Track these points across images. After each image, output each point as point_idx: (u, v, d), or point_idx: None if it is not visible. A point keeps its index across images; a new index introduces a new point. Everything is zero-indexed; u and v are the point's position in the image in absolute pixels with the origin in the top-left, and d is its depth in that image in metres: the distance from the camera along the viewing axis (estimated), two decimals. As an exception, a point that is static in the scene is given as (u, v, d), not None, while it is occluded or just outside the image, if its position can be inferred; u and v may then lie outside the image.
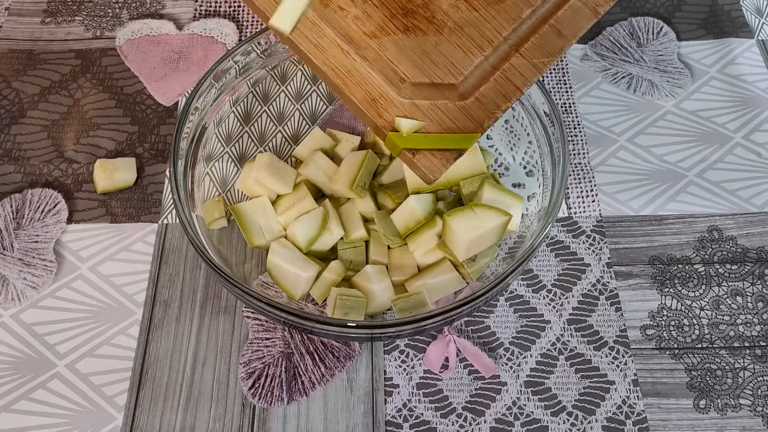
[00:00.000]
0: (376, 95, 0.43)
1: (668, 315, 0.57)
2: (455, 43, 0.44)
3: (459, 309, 0.45)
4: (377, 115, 0.43)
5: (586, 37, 0.74)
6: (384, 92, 0.43)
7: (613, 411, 0.52)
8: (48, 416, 0.52)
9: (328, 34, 0.44)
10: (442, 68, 0.44)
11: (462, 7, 0.44)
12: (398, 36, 0.44)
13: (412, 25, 0.44)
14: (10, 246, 0.59)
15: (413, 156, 0.43)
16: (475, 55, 0.44)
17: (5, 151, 0.66)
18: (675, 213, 0.62)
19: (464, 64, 0.44)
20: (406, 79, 0.43)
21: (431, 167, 0.43)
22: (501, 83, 0.44)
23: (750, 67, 0.71)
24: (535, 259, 0.59)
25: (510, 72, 0.44)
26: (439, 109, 0.44)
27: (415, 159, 0.43)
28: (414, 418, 0.52)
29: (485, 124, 0.44)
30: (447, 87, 0.44)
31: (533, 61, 0.44)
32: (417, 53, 0.44)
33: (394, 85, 0.44)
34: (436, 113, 0.44)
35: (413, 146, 0.43)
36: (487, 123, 0.44)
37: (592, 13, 0.45)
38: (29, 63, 0.72)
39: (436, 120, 0.44)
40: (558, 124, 0.52)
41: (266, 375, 0.53)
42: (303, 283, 0.53)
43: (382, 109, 0.43)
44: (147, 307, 0.57)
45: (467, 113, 0.44)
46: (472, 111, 0.44)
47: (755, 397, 0.53)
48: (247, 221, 0.55)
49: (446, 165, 0.44)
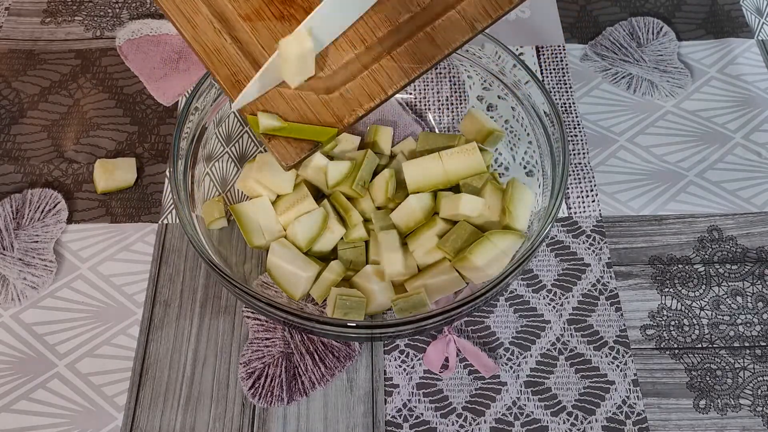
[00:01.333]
0: (241, 78, 0.44)
1: (668, 315, 0.57)
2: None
3: (459, 309, 0.45)
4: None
5: (586, 37, 0.74)
6: (249, 76, 0.43)
7: (613, 411, 0.52)
8: (48, 416, 0.52)
9: (202, 10, 0.44)
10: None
11: None
12: (273, 22, 0.44)
13: (288, 14, 0.44)
14: (10, 246, 0.59)
15: (269, 141, 0.44)
16: (346, 51, 0.44)
17: (5, 151, 0.66)
18: (675, 213, 0.62)
19: (334, 59, 0.44)
20: None
21: (285, 154, 0.44)
22: (367, 82, 0.44)
23: (750, 67, 0.71)
24: (535, 259, 0.59)
25: (378, 73, 0.44)
26: (302, 99, 0.44)
27: (270, 144, 0.44)
28: (414, 418, 0.52)
29: (345, 120, 0.44)
30: (314, 79, 0.44)
31: (402, 65, 0.44)
32: None
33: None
34: (298, 103, 0.44)
35: (270, 132, 0.44)
36: (347, 119, 0.44)
37: (468, 27, 0.44)
38: (29, 63, 0.72)
39: (297, 109, 0.44)
40: (558, 124, 0.52)
41: (266, 375, 0.53)
42: (303, 283, 0.53)
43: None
44: (147, 307, 0.57)
45: (329, 107, 0.44)
46: (334, 106, 0.44)
47: (755, 397, 0.53)
48: (247, 221, 0.55)
49: (300, 154, 0.44)
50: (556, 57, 0.72)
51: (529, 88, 0.56)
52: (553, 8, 0.77)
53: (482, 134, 0.58)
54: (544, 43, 0.73)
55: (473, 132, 0.59)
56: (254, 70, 0.43)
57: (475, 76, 0.61)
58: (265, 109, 0.44)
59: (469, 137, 0.60)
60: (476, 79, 0.61)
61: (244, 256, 0.58)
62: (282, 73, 0.43)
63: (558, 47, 0.73)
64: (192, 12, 0.44)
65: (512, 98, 0.58)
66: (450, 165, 0.55)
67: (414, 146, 0.62)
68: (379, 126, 0.62)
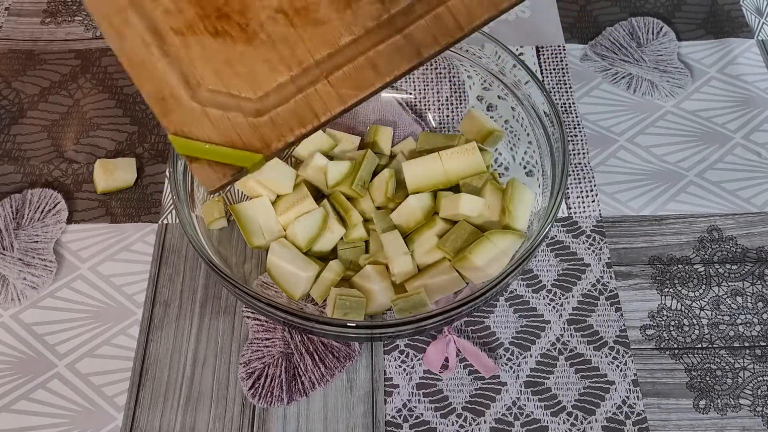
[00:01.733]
0: (165, 94, 0.42)
1: (668, 315, 0.57)
2: (263, 57, 0.42)
3: (458, 309, 0.45)
4: (162, 115, 0.42)
5: (586, 37, 0.74)
6: (175, 92, 0.42)
7: (613, 411, 0.52)
8: (48, 416, 0.52)
9: (133, 21, 0.42)
10: (243, 80, 0.42)
11: (280, 21, 0.42)
12: (205, 38, 0.42)
13: (223, 30, 0.42)
14: (10, 246, 0.59)
15: (191, 163, 0.42)
16: (280, 74, 0.42)
17: (5, 151, 0.66)
18: (675, 213, 0.62)
19: (267, 81, 0.42)
20: (203, 84, 0.42)
21: (206, 178, 0.42)
22: (300, 107, 0.42)
23: (750, 67, 0.71)
24: (535, 260, 0.59)
25: (312, 97, 0.42)
26: (229, 120, 0.42)
27: (192, 166, 0.42)
28: (414, 418, 0.52)
29: (273, 146, 0.42)
30: (243, 100, 0.42)
31: (340, 91, 0.41)
32: (220, 60, 0.42)
33: (190, 87, 0.42)
34: (224, 124, 0.42)
35: (191, 154, 0.42)
36: (275, 145, 0.41)
37: (414, 53, 0.41)
38: (29, 63, 0.72)
39: (223, 131, 0.41)
40: (558, 124, 0.52)
41: (266, 375, 0.53)
42: (303, 282, 0.53)
43: (168, 109, 0.42)
44: (147, 307, 0.57)
45: (257, 131, 0.42)
46: (262, 130, 0.42)
47: (755, 397, 0.53)
48: (247, 221, 0.55)
49: (222, 179, 0.42)
50: (556, 57, 0.72)
51: (529, 88, 0.56)
52: (553, 8, 0.77)
53: (482, 134, 0.58)
54: (544, 43, 0.73)
55: (473, 132, 0.59)
56: (182, 88, 0.41)
57: (475, 76, 0.61)
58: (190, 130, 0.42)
59: (468, 137, 0.60)
60: (476, 79, 0.61)
61: (243, 256, 0.58)
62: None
63: (558, 47, 0.73)
64: (121, 22, 0.42)
65: (512, 98, 0.58)
66: (450, 165, 0.55)
67: (414, 146, 0.62)
68: (379, 126, 0.62)
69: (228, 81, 0.42)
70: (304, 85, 0.42)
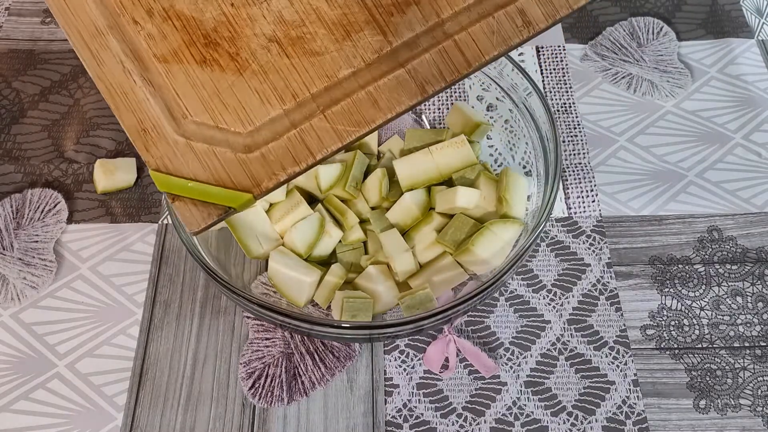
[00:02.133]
0: (148, 126, 0.39)
1: (668, 315, 0.57)
2: (254, 89, 0.39)
3: (455, 308, 0.45)
4: (144, 148, 0.39)
5: (586, 37, 0.74)
6: (158, 124, 0.39)
7: (613, 411, 0.52)
8: (48, 416, 0.52)
9: (112, 46, 0.39)
10: (232, 113, 0.39)
11: (273, 51, 0.39)
12: (192, 67, 0.39)
13: (211, 58, 0.39)
14: (10, 246, 0.59)
15: (173, 201, 0.39)
16: (273, 106, 0.39)
17: (5, 151, 0.66)
18: (675, 213, 0.62)
19: (258, 114, 0.39)
20: (188, 116, 0.39)
21: (189, 218, 0.39)
22: (294, 144, 0.39)
23: (750, 67, 0.71)
24: (535, 259, 0.59)
25: (308, 134, 0.39)
26: (216, 156, 0.39)
27: (174, 204, 0.39)
28: (414, 418, 0.52)
29: (263, 185, 0.39)
30: (232, 134, 0.39)
31: (337, 127, 0.39)
32: (208, 90, 0.39)
33: (174, 119, 0.39)
34: (211, 160, 0.39)
35: (173, 191, 0.39)
36: (265, 184, 0.39)
37: (418, 89, 0.39)
38: (29, 63, 0.72)
39: (209, 167, 0.39)
40: (551, 123, 0.52)
41: (266, 375, 0.53)
42: (307, 288, 0.52)
43: (150, 142, 0.39)
44: (147, 308, 0.57)
45: (246, 168, 0.39)
46: (252, 167, 0.39)
47: (755, 397, 0.53)
48: (243, 232, 0.54)
49: (207, 220, 0.39)
50: (556, 57, 0.72)
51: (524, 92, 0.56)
52: (553, 8, 0.77)
53: (469, 127, 0.58)
54: (544, 43, 0.73)
55: (460, 125, 0.59)
56: (165, 119, 0.39)
57: (473, 77, 0.61)
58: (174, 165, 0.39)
59: (455, 130, 0.60)
60: (475, 80, 0.61)
61: (243, 260, 0.58)
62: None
63: (558, 47, 0.73)
64: (99, 46, 0.39)
65: (509, 101, 0.58)
66: (441, 159, 0.55)
67: (401, 144, 0.62)
68: None
69: (216, 113, 0.39)
70: (298, 119, 0.39)
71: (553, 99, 0.69)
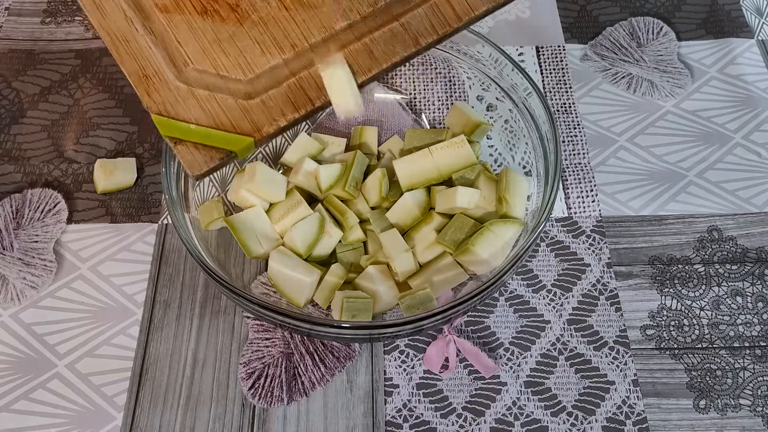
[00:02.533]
0: (150, 72, 0.40)
1: (668, 315, 0.57)
2: (255, 39, 0.41)
3: (455, 308, 0.45)
4: (146, 94, 0.40)
5: (586, 37, 0.74)
6: (160, 71, 0.40)
7: (613, 411, 0.52)
8: (48, 416, 0.52)
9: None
10: (233, 61, 0.40)
11: (273, 3, 0.41)
12: (193, 17, 0.40)
13: (212, 9, 0.40)
14: (10, 246, 0.59)
15: (175, 145, 0.40)
16: (273, 56, 0.40)
17: (5, 151, 0.66)
18: (675, 213, 0.62)
19: (258, 63, 0.40)
20: (189, 64, 0.40)
21: (191, 161, 0.40)
22: (294, 91, 0.41)
23: (750, 67, 0.71)
24: (535, 259, 0.59)
25: (306, 81, 0.41)
26: (217, 102, 0.40)
27: (177, 148, 0.40)
28: (414, 418, 0.52)
29: (264, 130, 0.40)
30: (233, 81, 0.40)
31: None
32: (209, 39, 0.40)
33: (175, 67, 0.40)
34: (212, 106, 0.40)
35: (176, 135, 0.40)
36: (266, 129, 0.40)
37: (411, 41, 0.41)
38: (29, 63, 0.72)
39: (211, 113, 0.40)
40: (551, 123, 0.52)
41: (266, 375, 0.53)
42: (307, 288, 0.52)
43: (152, 88, 0.40)
44: (147, 308, 0.57)
45: (247, 114, 0.41)
46: (253, 113, 0.41)
47: (755, 397, 0.53)
48: (244, 232, 0.54)
49: (209, 163, 0.40)
50: (556, 57, 0.72)
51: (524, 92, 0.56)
52: (553, 8, 0.77)
53: (469, 127, 0.58)
54: (544, 43, 0.73)
55: (460, 125, 0.59)
56: (167, 67, 0.40)
57: (473, 77, 0.61)
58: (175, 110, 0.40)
59: (455, 131, 0.60)
60: (475, 80, 0.61)
61: (243, 259, 0.58)
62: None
63: (558, 47, 0.73)
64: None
65: (509, 101, 0.58)
66: (441, 159, 0.55)
67: (400, 144, 0.62)
68: (364, 126, 0.62)
69: (217, 61, 0.40)
70: (297, 68, 0.41)
71: (553, 99, 0.69)
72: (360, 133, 0.62)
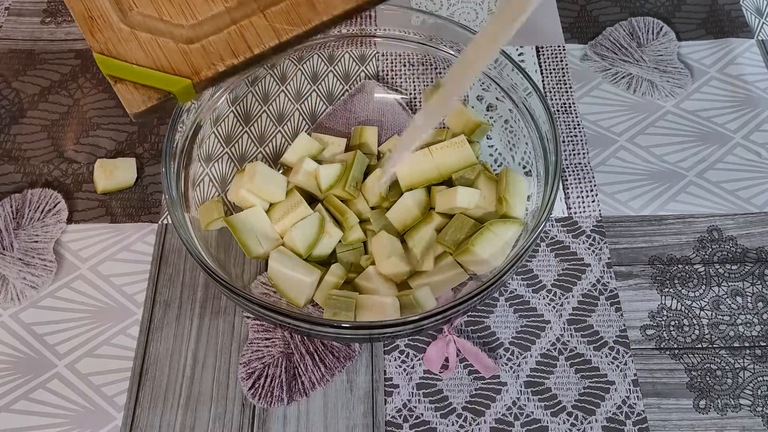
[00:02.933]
0: (95, 14, 0.42)
1: (668, 315, 0.57)
2: None
3: (455, 308, 0.45)
4: (89, 33, 0.42)
5: (586, 37, 0.74)
6: (105, 14, 0.42)
7: (613, 411, 0.52)
8: (48, 416, 0.52)
9: None
10: (176, 7, 0.42)
11: None
12: None
13: None
14: (9, 246, 0.59)
15: (115, 84, 0.42)
16: (215, 4, 0.42)
17: (5, 151, 0.66)
18: (675, 213, 0.62)
19: (201, 10, 0.42)
20: (134, 8, 0.42)
21: (130, 100, 0.42)
22: (234, 38, 0.42)
23: (750, 67, 0.71)
24: (535, 260, 0.59)
25: (247, 29, 0.42)
26: (158, 45, 0.42)
27: (117, 87, 0.42)
28: (414, 418, 0.52)
29: (202, 74, 0.42)
30: (175, 26, 0.42)
31: (275, 25, 0.42)
32: None
33: (121, 11, 0.42)
34: (154, 48, 0.42)
35: (117, 74, 0.42)
36: (204, 73, 0.42)
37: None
38: (29, 63, 0.72)
39: (152, 55, 0.42)
40: (551, 123, 0.52)
41: (266, 375, 0.53)
42: (307, 288, 0.52)
43: (96, 29, 0.42)
44: (147, 307, 0.57)
45: (187, 58, 0.42)
46: (192, 57, 0.42)
47: (755, 397, 0.53)
48: (244, 232, 0.54)
49: (147, 102, 0.42)
50: (556, 57, 0.72)
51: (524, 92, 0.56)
52: (553, 8, 0.77)
53: (469, 127, 0.58)
54: (544, 43, 0.73)
55: (460, 125, 0.59)
56: (113, 10, 0.42)
57: (474, 77, 0.61)
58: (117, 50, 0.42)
59: (456, 131, 0.60)
60: (475, 80, 0.61)
61: (243, 259, 0.58)
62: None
63: (558, 47, 0.73)
64: None
65: (509, 101, 0.58)
66: (441, 159, 0.55)
67: None
68: (364, 126, 0.62)
69: (161, 7, 0.42)
70: (239, 17, 0.42)
71: (553, 99, 0.69)
72: (360, 133, 0.62)
